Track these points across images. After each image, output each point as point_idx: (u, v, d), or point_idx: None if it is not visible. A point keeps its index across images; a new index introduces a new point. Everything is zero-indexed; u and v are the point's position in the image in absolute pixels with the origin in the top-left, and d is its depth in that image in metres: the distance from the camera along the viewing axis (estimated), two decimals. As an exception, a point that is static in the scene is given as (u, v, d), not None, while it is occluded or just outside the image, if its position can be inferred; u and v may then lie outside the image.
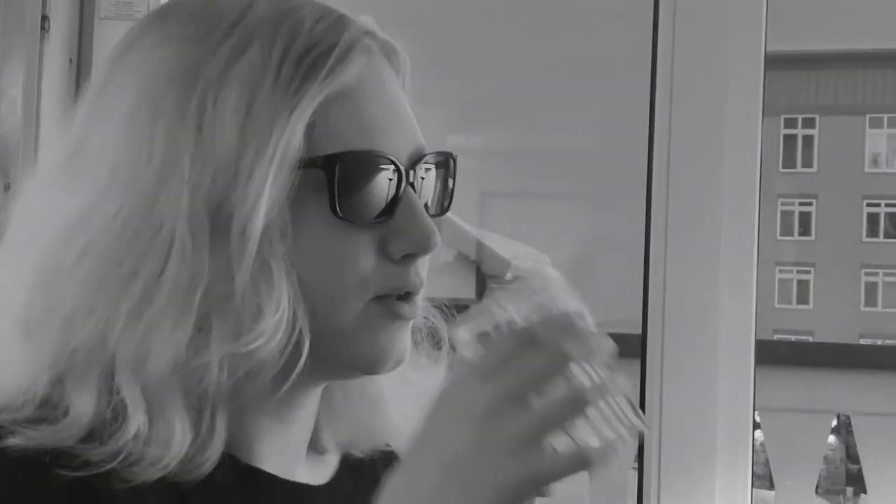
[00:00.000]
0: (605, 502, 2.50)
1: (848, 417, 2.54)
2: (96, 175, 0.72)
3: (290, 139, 0.70)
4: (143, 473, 0.68)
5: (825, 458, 2.55)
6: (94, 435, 0.69)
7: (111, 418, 0.69)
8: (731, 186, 1.60)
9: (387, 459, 0.86)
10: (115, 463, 0.68)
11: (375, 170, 0.73)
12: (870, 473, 2.43)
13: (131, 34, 0.76)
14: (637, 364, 1.64)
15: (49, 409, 0.70)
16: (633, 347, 1.73)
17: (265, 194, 0.69)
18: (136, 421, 0.68)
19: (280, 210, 0.70)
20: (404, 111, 0.77)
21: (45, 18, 1.71)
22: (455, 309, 0.81)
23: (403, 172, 0.74)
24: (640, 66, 1.64)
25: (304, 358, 0.70)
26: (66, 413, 0.69)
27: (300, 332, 0.71)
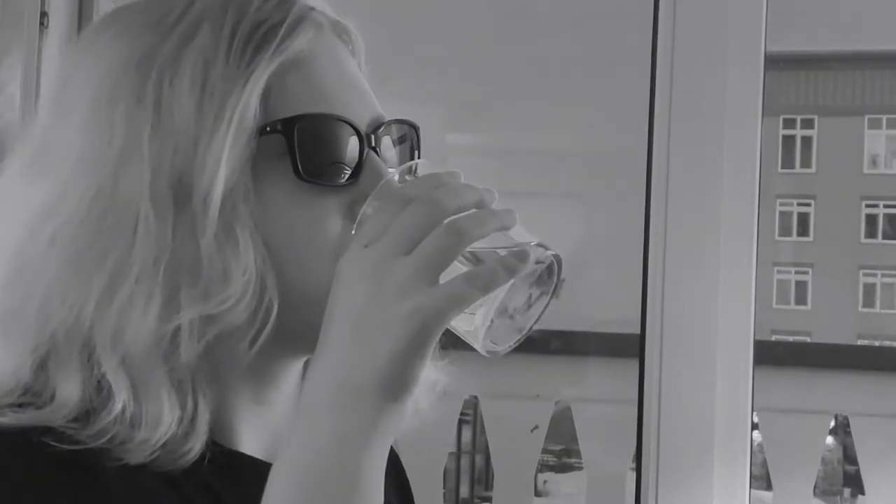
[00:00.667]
0: (603, 503, 2.50)
1: (846, 418, 2.54)
2: (62, 166, 0.74)
3: (246, 107, 0.72)
4: (133, 452, 0.70)
5: (822, 459, 2.55)
6: (82, 416, 0.70)
7: (96, 399, 0.70)
8: (730, 186, 1.60)
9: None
10: (103, 442, 0.69)
11: (335, 132, 0.75)
12: (868, 474, 2.43)
13: (88, 32, 0.79)
14: (635, 364, 1.64)
15: (34, 395, 0.71)
16: (631, 347, 1.72)
17: (223, 162, 0.71)
18: (121, 399, 0.70)
19: (241, 176, 0.72)
20: (360, 83, 0.79)
21: (44, 15, 1.70)
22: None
23: (364, 136, 0.76)
24: (640, 66, 1.64)
25: (272, 319, 0.72)
26: (52, 397, 0.71)
27: (269, 295, 0.72)
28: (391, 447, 0.87)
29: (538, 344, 3.03)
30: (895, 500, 2.38)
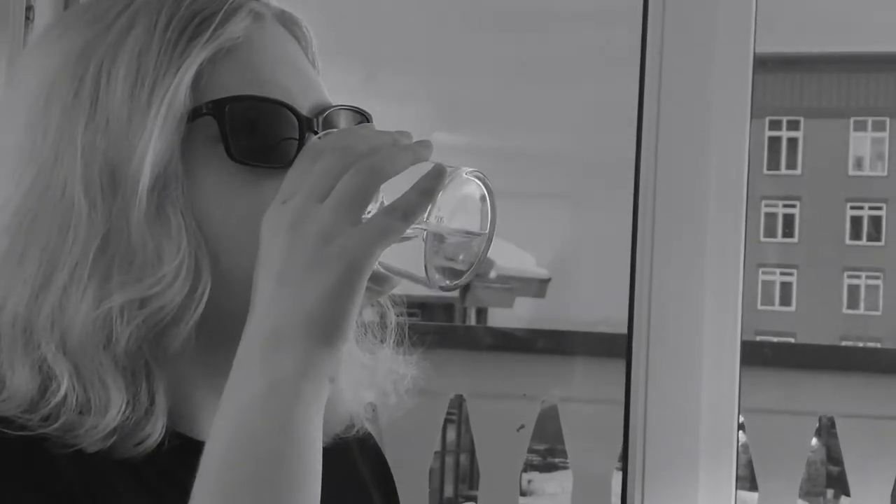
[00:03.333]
0: (589, 502, 2.50)
1: (830, 419, 2.55)
2: (6, 162, 0.76)
3: (175, 92, 0.73)
4: (84, 438, 0.70)
5: (806, 461, 2.56)
6: (33, 404, 0.71)
7: (44, 385, 0.71)
8: (717, 188, 1.60)
9: (364, 444, 0.87)
10: (54, 428, 0.70)
11: (269, 114, 0.75)
12: (852, 476, 2.43)
13: (36, 36, 0.84)
14: (622, 364, 1.64)
15: None
16: (618, 347, 1.72)
17: (150, 147, 0.72)
18: (64, 385, 0.70)
19: (171, 160, 0.73)
20: (303, 70, 0.78)
21: (29, 9, 1.69)
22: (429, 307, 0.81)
23: (305, 120, 0.76)
24: (629, 67, 1.64)
25: (204, 300, 0.72)
26: (3, 386, 0.72)
27: (204, 277, 0.73)
28: (374, 441, 0.87)
29: (525, 343, 3.03)
30: (879, 502, 2.39)
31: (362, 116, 0.79)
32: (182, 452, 0.72)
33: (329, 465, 0.76)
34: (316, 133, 0.76)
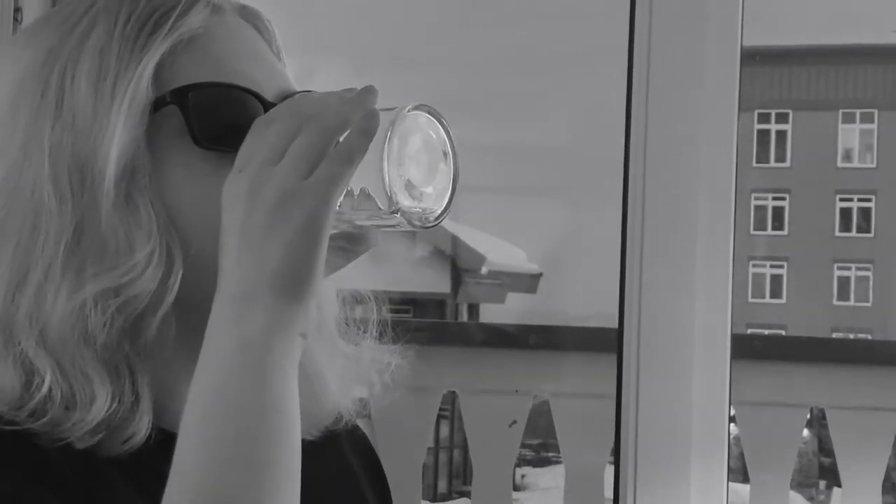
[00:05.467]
0: (581, 496, 2.51)
1: (822, 411, 2.56)
2: None
3: (137, 85, 0.75)
4: (72, 432, 0.71)
5: (797, 452, 2.57)
6: (19, 399, 0.72)
7: (28, 381, 0.72)
8: (707, 181, 1.60)
9: (353, 435, 0.87)
10: (38, 424, 0.71)
11: (231, 100, 0.77)
12: (844, 467, 2.44)
13: (4, 46, 0.85)
14: (614, 358, 1.64)
15: None
16: (609, 342, 1.73)
17: (115, 139, 0.74)
18: (47, 380, 0.71)
19: (136, 151, 0.75)
20: (266, 59, 0.80)
21: (17, 10, 1.69)
22: (421, 303, 0.81)
23: (269, 105, 0.77)
24: (617, 61, 1.64)
25: (176, 285, 0.74)
26: None
27: (176, 263, 0.74)
28: (363, 432, 0.87)
29: (517, 339, 3.04)
30: (871, 493, 2.40)
31: None
32: (168, 448, 0.72)
33: (318, 457, 0.76)
34: None
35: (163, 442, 0.73)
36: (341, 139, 0.70)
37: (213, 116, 0.76)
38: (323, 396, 0.82)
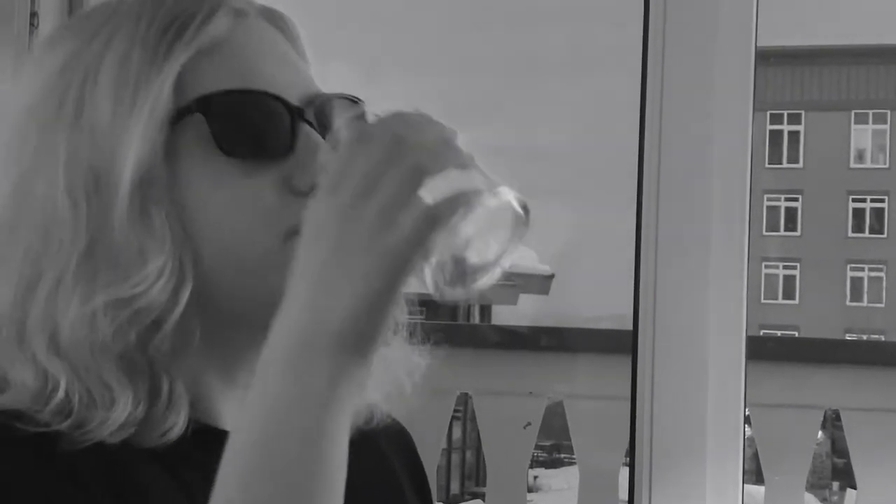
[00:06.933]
0: (596, 498, 2.51)
1: (836, 412, 2.55)
2: None
3: (158, 95, 0.74)
4: (97, 433, 0.71)
5: (812, 453, 2.56)
6: (41, 398, 0.72)
7: (45, 382, 0.72)
8: (720, 182, 1.60)
9: (391, 431, 0.86)
10: (64, 425, 0.70)
11: (256, 105, 0.76)
12: (858, 468, 2.43)
13: (32, 51, 0.84)
14: (628, 360, 1.64)
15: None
16: (622, 343, 1.73)
17: (133, 147, 0.73)
18: (61, 382, 0.71)
19: (155, 160, 0.73)
20: (290, 60, 0.79)
21: (34, 15, 1.70)
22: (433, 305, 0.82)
23: (295, 110, 0.76)
24: (631, 62, 1.64)
25: (185, 297, 0.73)
26: (8, 382, 0.73)
27: (187, 275, 0.73)
28: (401, 427, 0.87)
29: (530, 340, 3.03)
30: (885, 494, 2.39)
31: (355, 104, 0.79)
32: (201, 438, 0.73)
33: (358, 455, 0.76)
34: (308, 122, 0.76)
35: (196, 432, 0.74)
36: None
37: (238, 123, 0.75)
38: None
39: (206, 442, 0.72)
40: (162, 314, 0.73)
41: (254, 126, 0.75)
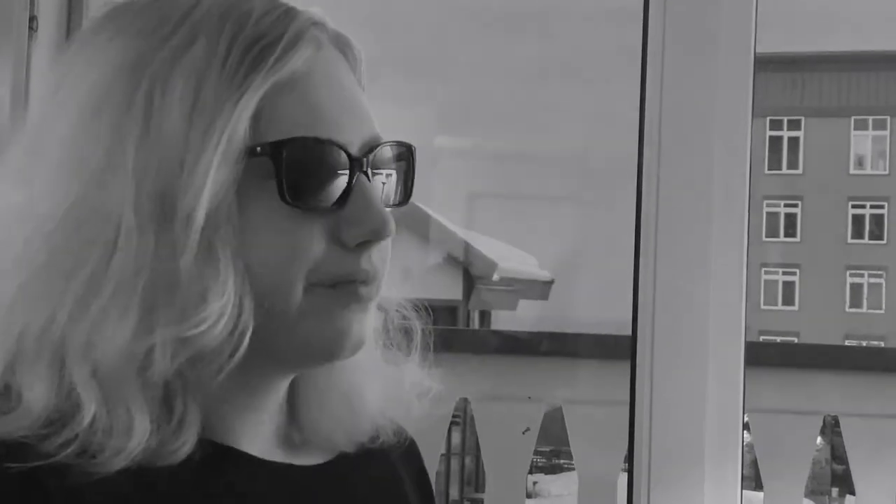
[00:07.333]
0: (595, 503, 2.51)
1: (835, 418, 2.55)
2: (43, 171, 0.73)
3: (235, 127, 0.71)
4: (104, 465, 0.69)
5: (811, 460, 2.56)
6: (50, 424, 0.69)
7: (65, 406, 0.69)
8: (720, 188, 1.60)
9: (402, 447, 0.86)
10: (69, 451, 0.68)
11: (324, 157, 0.73)
12: (857, 474, 2.43)
13: (82, 34, 0.77)
14: (627, 365, 1.64)
15: (4, 399, 0.70)
16: (622, 349, 1.73)
17: (208, 182, 0.70)
18: (91, 409, 0.69)
19: (226, 197, 0.71)
20: (357, 101, 0.77)
21: (33, 19, 1.69)
22: (433, 310, 0.82)
23: (356, 161, 0.74)
24: (631, 68, 1.64)
25: (244, 344, 0.71)
26: (19, 402, 0.70)
27: (245, 318, 0.71)
28: (412, 441, 0.86)
29: (529, 346, 3.03)
30: (883, 500, 2.39)
31: (407, 150, 0.78)
32: (213, 458, 0.72)
33: (367, 470, 0.75)
34: (364, 173, 0.74)
35: (209, 453, 0.72)
36: None
37: (303, 173, 0.72)
38: (360, 413, 0.81)
39: (215, 461, 0.71)
40: (215, 353, 0.71)
41: (318, 179, 0.73)
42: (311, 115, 0.73)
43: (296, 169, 0.72)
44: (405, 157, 0.78)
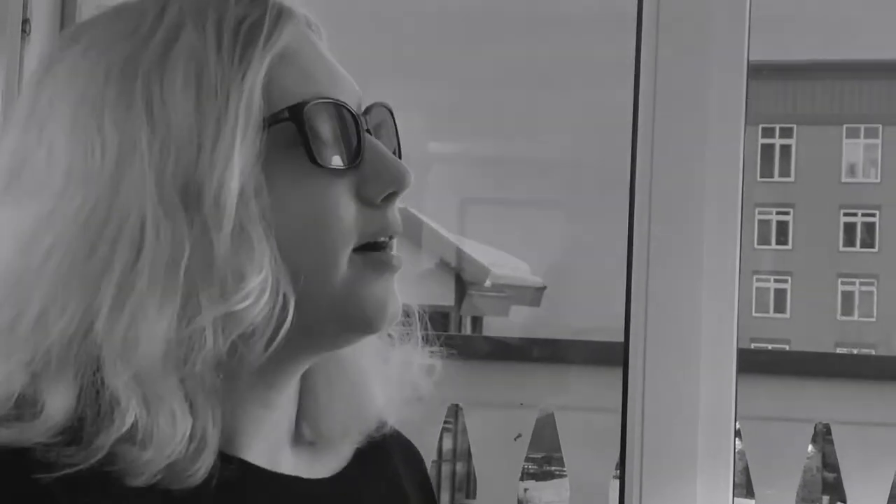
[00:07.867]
0: (586, 510, 2.50)
1: (826, 426, 2.55)
2: (49, 183, 0.72)
3: (250, 101, 0.72)
4: (136, 474, 0.68)
5: (802, 467, 2.56)
6: (70, 435, 0.68)
7: (93, 414, 0.68)
8: (713, 195, 1.60)
9: (401, 446, 0.87)
10: (99, 459, 0.67)
11: (338, 116, 0.75)
12: (849, 482, 2.44)
13: (52, 53, 0.77)
14: (619, 372, 1.64)
15: (27, 406, 0.69)
16: (614, 355, 1.73)
17: (234, 159, 0.70)
18: (131, 413, 0.68)
19: (252, 172, 0.71)
20: (339, 68, 0.79)
21: (25, 22, 1.69)
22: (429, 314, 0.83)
23: (360, 119, 0.76)
24: (624, 75, 1.65)
25: (289, 318, 0.71)
26: (41, 411, 0.69)
27: (285, 293, 0.71)
28: (411, 444, 0.87)
29: (521, 352, 3.03)
30: (875, 508, 2.39)
31: (389, 111, 0.80)
32: (228, 475, 0.71)
33: (367, 464, 0.75)
34: (368, 131, 0.76)
35: (224, 469, 0.71)
36: None
37: (325, 135, 0.74)
38: (367, 402, 0.82)
39: (230, 478, 0.70)
40: (258, 332, 0.70)
41: (337, 137, 0.74)
42: (313, 81, 0.75)
43: (318, 130, 0.73)
44: (389, 116, 0.80)
